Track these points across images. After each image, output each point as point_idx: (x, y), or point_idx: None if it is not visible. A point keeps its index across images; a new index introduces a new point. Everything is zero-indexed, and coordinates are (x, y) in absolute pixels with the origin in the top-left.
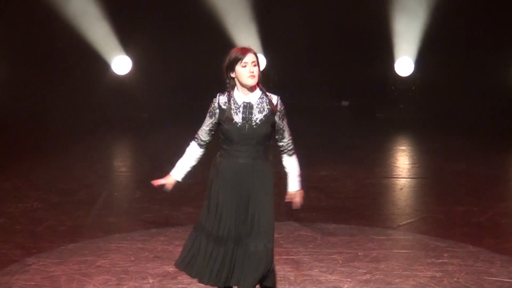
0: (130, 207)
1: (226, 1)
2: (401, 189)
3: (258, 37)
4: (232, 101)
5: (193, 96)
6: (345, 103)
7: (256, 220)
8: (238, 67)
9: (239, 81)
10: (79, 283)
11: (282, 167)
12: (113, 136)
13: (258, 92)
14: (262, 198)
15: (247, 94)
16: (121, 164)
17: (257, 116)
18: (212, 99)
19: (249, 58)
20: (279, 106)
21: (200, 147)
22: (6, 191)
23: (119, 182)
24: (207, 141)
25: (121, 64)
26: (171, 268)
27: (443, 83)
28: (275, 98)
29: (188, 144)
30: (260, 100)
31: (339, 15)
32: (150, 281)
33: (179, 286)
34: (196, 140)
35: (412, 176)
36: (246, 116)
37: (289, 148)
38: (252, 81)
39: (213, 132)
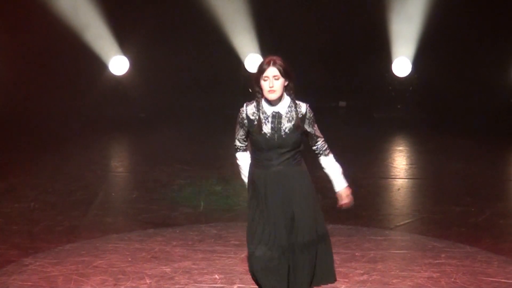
0: (127, 207)
1: (224, 1)
2: (399, 189)
3: (256, 38)
4: (261, 111)
5: (190, 96)
6: (342, 103)
7: (300, 223)
8: (261, 81)
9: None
10: (76, 283)
11: (321, 169)
12: (110, 136)
13: (287, 101)
14: (300, 204)
15: (275, 104)
16: (118, 165)
17: (286, 125)
18: (239, 109)
19: (270, 72)
20: (308, 114)
21: (244, 151)
22: (3, 192)
23: (116, 183)
24: (247, 144)
25: (118, 64)
26: (168, 269)
27: (441, 84)
28: (304, 107)
29: (235, 157)
30: (289, 109)
31: (337, 16)
32: (147, 281)
33: (176, 286)
34: (238, 149)
35: (409, 177)
36: (275, 126)
37: (324, 149)
38: (272, 96)
39: (246, 137)
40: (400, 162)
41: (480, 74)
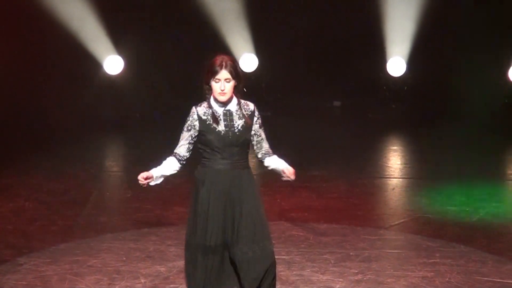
0: (121, 207)
1: (219, 1)
2: (393, 189)
3: (251, 37)
4: (212, 110)
5: (185, 96)
6: (337, 103)
7: (250, 225)
8: (212, 82)
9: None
10: (70, 282)
11: (265, 168)
12: (104, 136)
13: (235, 100)
14: (251, 202)
15: (224, 104)
16: (113, 164)
17: (238, 123)
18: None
19: (222, 74)
20: (256, 112)
21: (179, 162)
22: None
23: (111, 182)
24: (186, 158)
25: (113, 64)
26: (163, 268)
27: (435, 83)
28: (251, 105)
29: (164, 159)
30: (238, 107)
31: (331, 16)
32: (142, 281)
33: (171, 286)
34: (174, 156)
35: (404, 176)
36: (228, 124)
37: (268, 152)
38: (222, 98)
39: (191, 147)
40: (395, 161)
41: (475, 74)
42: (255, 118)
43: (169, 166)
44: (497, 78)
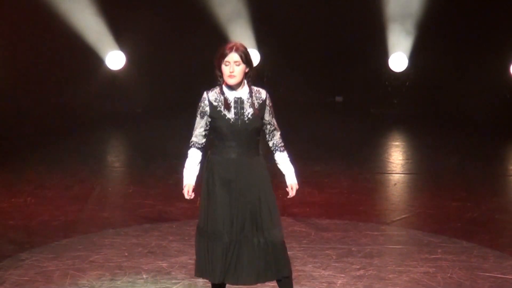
0: (124, 202)
1: None
2: (395, 184)
3: (252, 32)
4: (224, 97)
5: (187, 91)
6: (339, 98)
7: (261, 213)
8: (222, 65)
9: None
10: (72, 278)
11: (274, 163)
12: (106, 131)
13: (247, 87)
14: (262, 191)
15: (236, 90)
16: (115, 159)
17: (249, 111)
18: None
19: (231, 57)
20: (267, 101)
21: (200, 150)
22: None
23: (113, 177)
24: (204, 144)
25: (115, 59)
26: (165, 263)
27: (437, 79)
28: (263, 93)
29: (186, 154)
30: (249, 95)
31: (333, 11)
32: (144, 276)
33: (173, 281)
34: (193, 145)
35: (406, 172)
36: (238, 112)
37: (280, 145)
38: (231, 81)
39: (207, 133)
40: (397, 157)
41: (477, 69)
42: (267, 108)
43: (196, 161)
44: (499, 73)
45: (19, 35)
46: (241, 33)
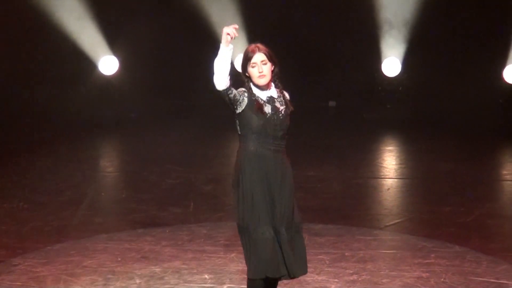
0: (117, 207)
1: (214, 2)
2: (388, 189)
3: (244, 37)
4: (256, 98)
5: (180, 96)
6: (332, 103)
7: (288, 209)
8: (249, 68)
9: (252, 81)
10: (65, 283)
11: None
12: (99, 136)
13: (274, 88)
14: (292, 189)
15: (265, 90)
16: (108, 164)
17: (281, 108)
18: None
19: (257, 57)
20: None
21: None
22: None
23: (106, 182)
24: (228, 85)
25: (108, 64)
26: (158, 268)
27: (430, 84)
28: (287, 94)
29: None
30: (278, 94)
31: (326, 15)
32: (137, 281)
33: (166, 286)
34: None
35: (399, 177)
36: (273, 108)
37: None
38: (263, 81)
39: (231, 93)
40: (390, 162)
41: (470, 74)
42: (290, 107)
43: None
44: (492, 78)
45: (11, 39)
46: (234, 38)
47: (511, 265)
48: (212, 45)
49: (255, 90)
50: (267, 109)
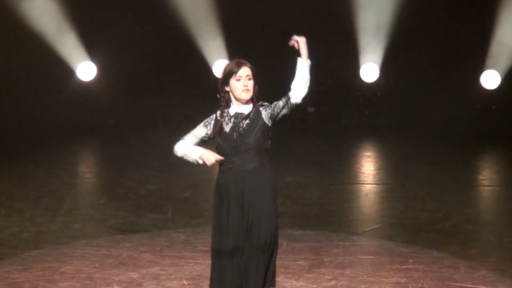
0: (95, 213)
1: (192, 7)
2: (367, 195)
3: (224, 43)
4: (225, 114)
5: (158, 102)
6: (310, 109)
7: (254, 231)
8: (233, 81)
9: (233, 94)
10: None
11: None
12: (77, 142)
13: (251, 105)
14: (261, 206)
15: (240, 106)
16: (86, 170)
17: (244, 122)
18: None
19: (243, 71)
20: (267, 108)
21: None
22: None
23: (84, 189)
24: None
25: (86, 70)
26: (136, 274)
27: (408, 89)
28: (266, 110)
29: (173, 150)
30: (251, 110)
31: (304, 21)
32: (115, 287)
33: None
34: (182, 140)
35: (377, 182)
36: (235, 125)
37: (289, 91)
38: (246, 95)
39: (196, 142)
40: (368, 167)
41: (447, 80)
42: (272, 105)
43: (189, 143)
44: (469, 84)
45: None
46: (213, 44)
47: (489, 270)
48: (190, 52)
49: (233, 104)
50: (227, 127)
